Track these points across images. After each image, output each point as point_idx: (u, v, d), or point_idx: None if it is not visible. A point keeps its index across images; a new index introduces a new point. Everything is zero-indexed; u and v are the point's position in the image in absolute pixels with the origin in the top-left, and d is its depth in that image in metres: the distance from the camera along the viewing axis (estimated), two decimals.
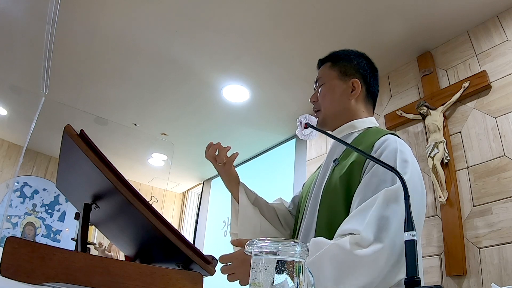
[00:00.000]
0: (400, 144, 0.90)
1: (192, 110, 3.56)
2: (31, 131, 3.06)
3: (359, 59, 1.12)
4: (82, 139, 0.59)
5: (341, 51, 1.15)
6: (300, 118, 1.03)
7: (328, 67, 1.12)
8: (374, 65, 1.16)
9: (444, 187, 2.07)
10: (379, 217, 0.76)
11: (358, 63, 1.11)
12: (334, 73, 1.10)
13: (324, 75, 1.12)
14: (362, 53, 1.16)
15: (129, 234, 0.78)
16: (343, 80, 1.08)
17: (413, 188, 0.80)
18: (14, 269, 0.47)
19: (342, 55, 1.13)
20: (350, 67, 1.10)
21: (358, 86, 1.07)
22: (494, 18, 2.23)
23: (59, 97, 3.35)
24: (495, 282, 1.56)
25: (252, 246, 0.48)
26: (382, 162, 0.69)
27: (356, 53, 1.15)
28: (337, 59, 1.12)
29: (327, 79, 1.10)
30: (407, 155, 0.87)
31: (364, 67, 1.11)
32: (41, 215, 4.45)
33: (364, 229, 0.75)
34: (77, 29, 2.61)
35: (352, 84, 1.07)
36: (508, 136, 1.94)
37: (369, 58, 1.16)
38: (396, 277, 0.74)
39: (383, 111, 2.69)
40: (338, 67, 1.10)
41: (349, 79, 1.08)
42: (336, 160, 0.99)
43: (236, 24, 2.50)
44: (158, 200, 5.24)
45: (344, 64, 1.10)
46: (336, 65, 1.11)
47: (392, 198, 0.77)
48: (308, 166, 3.17)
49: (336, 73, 1.09)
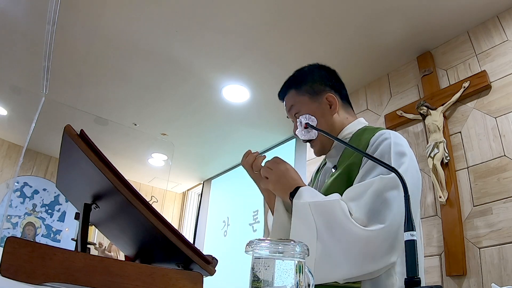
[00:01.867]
0: (395, 137, 0.90)
1: (192, 110, 3.56)
2: (31, 131, 3.06)
3: (319, 71, 1.09)
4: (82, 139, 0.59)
5: (296, 73, 1.11)
6: (300, 118, 1.03)
7: (294, 94, 1.07)
8: (331, 69, 1.12)
9: (444, 187, 2.07)
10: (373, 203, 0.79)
11: (321, 76, 1.07)
12: (305, 97, 1.05)
13: (295, 103, 1.06)
14: (315, 64, 1.12)
15: (129, 234, 0.78)
16: (316, 100, 1.04)
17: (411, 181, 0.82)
18: (14, 269, 0.47)
19: (301, 77, 1.08)
20: (317, 85, 1.05)
21: (334, 100, 1.04)
22: (494, 18, 2.23)
23: (59, 97, 3.35)
24: (495, 282, 1.56)
25: (252, 246, 0.48)
26: (381, 162, 0.69)
27: (312, 67, 1.11)
28: (299, 82, 1.07)
29: (301, 106, 1.05)
30: (403, 147, 0.88)
31: (327, 77, 1.08)
32: (41, 215, 4.45)
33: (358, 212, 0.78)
34: (77, 29, 2.61)
35: (327, 99, 1.04)
36: (508, 136, 1.94)
37: (324, 65, 1.12)
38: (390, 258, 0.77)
39: (383, 111, 2.69)
40: (304, 90, 1.06)
41: (321, 97, 1.04)
42: (335, 167, 1.00)
43: (236, 24, 2.50)
44: (158, 200, 5.24)
45: (309, 85, 1.06)
46: (301, 89, 1.06)
47: (387, 185, 0.79)
48: (308, 166, 3.17)
49: (307, 97, 1.05)
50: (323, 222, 0.78)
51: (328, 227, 0.78)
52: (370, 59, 2.69)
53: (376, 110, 2.76)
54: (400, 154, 0.86)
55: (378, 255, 0.75)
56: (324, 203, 0.81)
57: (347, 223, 0.76)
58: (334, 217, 0.78)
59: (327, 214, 0.79)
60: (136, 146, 4.44)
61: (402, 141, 0.90)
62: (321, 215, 0.79)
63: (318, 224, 0.78)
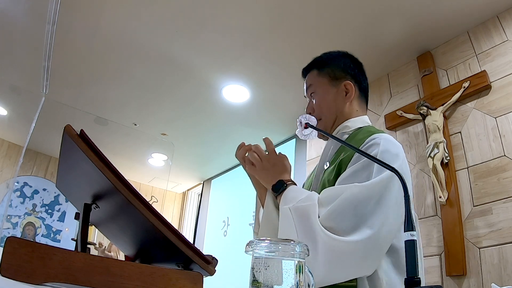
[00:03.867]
0: (385, 143, 0.89)
1: (192, 110, 3.56)
2: (31, 131, 3.06)
3: (344, 59, 1.10)
4: (82, 139, 0.59)
5: (323, 55, 1.13)
6: (300, 118, 1.03)
7: (315, 75, 1.10)
8: (358, 60, 1.13)
9: (444, 187, 2.07)
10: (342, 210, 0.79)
11: (345, 64, 1.09)
12: (324, 79, 1.07)
13: (314, 83, 1.09)
14: (344, 51, 1.14)
15: (129, 234, 0.78)
16: (335, 85, 1.06)
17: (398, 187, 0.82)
18: (14, 269, 0.47)
19: (327, 60, 1.10)
20: (339, 70, 1.07)
21: (351, 88, 1.06)
22: (494, 18, 2.23)
23: (59, 97, 3.35)
24: (495, 282, 1.56)
25: (252, 246, 0.48)
26: (379, 161, 0.68)
27: (339, 53, 1.13)
28: (323, 64, 1.09)
29: (319, 87, 1.08)
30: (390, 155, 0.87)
31: (351, 66, 1.09)
32: (41, 215, 4.45)
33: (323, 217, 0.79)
34: (77, 29, 2.61)
35: (345, 87, 1.06)
36: (508, 136, 1.94)
37: (352, 55, 1.13)
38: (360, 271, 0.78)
39: (383, 111, 2.69)
40: (326, 72, 1.08)
41: (340, 83, 1.06)
42: (327, 163, 1.00)
43: (236, 24, 2.50)
44: (158, 200, 5.24)
45: (332, 69, 1.08)
46: (323, 71, 1.08)
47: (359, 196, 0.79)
48: (308, 166, 3.17)
49: (326, 79, 1.07)
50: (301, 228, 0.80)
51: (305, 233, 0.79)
52: (370, 59, 2.69)
53: (376, 110, 2.76)
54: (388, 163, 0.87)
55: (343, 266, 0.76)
56: (302, 208, 0.83)
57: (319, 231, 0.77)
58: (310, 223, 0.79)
59: (305, 219, 0.81)
60: (136, 146, 4.44)
61: (391, 148, 0.89)
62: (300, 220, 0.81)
63: (298, 229, 0.80)
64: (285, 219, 0.84)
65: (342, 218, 0.79)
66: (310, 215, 0.80)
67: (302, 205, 0.83)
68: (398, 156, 0.88)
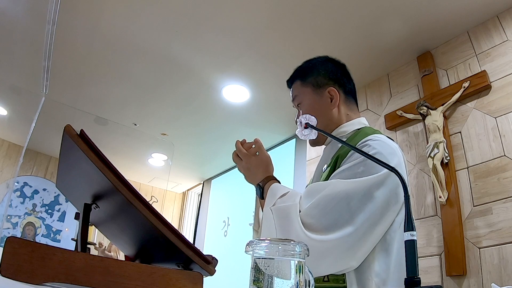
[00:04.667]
0: (379, 147, 0.88)
1: (192, 110, 3.56)
2: (31, 131, 3.06)
3: (325, 65, 1.10)
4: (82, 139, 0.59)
5: (304, 64, 1.13)
6: (300, 118, 1.03)
7: (299, 85, 1.10)
8: (340, 63, 1.13)
9: (444, 187, 2.07)
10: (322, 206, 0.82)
11: (326, 70, 1.08)
12: (308, 89, 1.08)
13: (298, 94, 1.10)
14: (325, 56, 1.13)
15: (129, 234, 0.78)
16: (319, 93, 1.06)
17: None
18: (14, 269, 0.47)
19: (308, 68, 1.10)
20: (321, 77, 1.07)
21: (335, 94, 1.05)
22: (494, 18, 2.23)
23: (59, 97, 3.35)
24: (495, 282, 1.56)
25: (252, 246, 0.48)
26: (379, 160, 0.68)
27: (320, 59, 1.12)
28: (305, 74, 1.10)
29: (304, 97, 1.08)
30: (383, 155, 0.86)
31: (333, 71, 1.09)
32: (41, 215, 4.45)
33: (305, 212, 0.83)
34: (77, 29, 2.61)
35: (329, 93, 1.05)
36: (508, 136, 1.94)
37: (333, 58, 1.13)
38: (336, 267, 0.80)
39: (383, 111, 2.69)
40: (309, 82, 1.08)
41: (324, 90, 1.06)
42: (327, 167, 1.01)
43: (236, 24, 2.50)
44: (158, 200, 5.24)
45: (314, 77, 1.08)
46: (305, 80, 1.09)
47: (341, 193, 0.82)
48: (308, 166, 3.17)
49: (310, 88, 1.07)
50: (280, 228, 0.83)
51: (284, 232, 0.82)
52: (370, 59, 2.69)
53: (376, 110, 2.76)
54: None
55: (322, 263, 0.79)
56: (282, 208, 0.86)
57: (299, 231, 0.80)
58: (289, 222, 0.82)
59: (284, 219, 0.84)
60: (136, 146, 4.44)
61: (385, 149, 0.88)
62: (279, 220, 0.85)
63: (278, 229, 0.84)
64: (267, 219, 0.88)
65: (323, 214, 0.81)
66: (291, 215, 0.83)
67: (283, 206, 0.87)
68: (393, 157, 0.87)
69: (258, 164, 1.01)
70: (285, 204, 0.86)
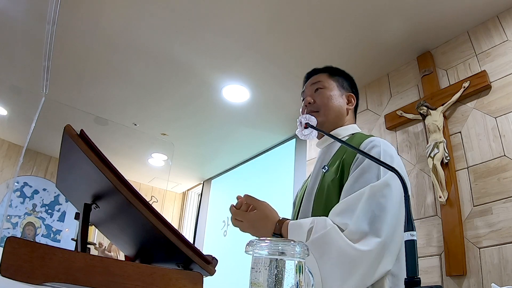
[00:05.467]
0: (384, 145, 0.97)
1: (192, 110, 3.56)
2: (31, 131, 3.06)
3: (350, 78, 1.24)
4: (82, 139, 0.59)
5: (335, 67, 1.25)
6: (300, 118, 1.03)
7: (327, 76, 1.19)
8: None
9: (444, 187, 2.07)
10: (368, 211, 0.82)
11: (351, 81, 1.23)
12: (334, 83, 1.18)
13: (323, 81, 1.18)
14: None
15: (129, 234, 0.78)
16: (341, 92, 1.18)
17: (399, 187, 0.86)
18: (14, 269, 0.47)
19: (338, 71, 1.22)
20: (346, 83, 1.21)
21: (354, 100, 1.19)
22: (494, 18, 2.23)
23: (59, 97, 3.35)
24: (495, 282, 1.56)
25: (252, 246, 0.48)
26: (379, 160, 0.69)
27: (346, 73, 1.25)
28: (334, 72, 1.21)
29: (327, 85, 1.17)
30: (391, 157, 0.94)
31: (354, 85, 1.23)
32: (41, 215, 4.45)
33: (355, 224, 0.81)
34: (77, 29, 2.61)
35: (348, 97, 1.18)
36: (508, 136, 1.94)
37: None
38: (386, 267, 0.81)
39: (383, 111, 2.69)
40: (336, 79, 1.19)
41: (345, 93, 1.19)
42: (326, 167, 1.03)
43: (236, 24, 2.50)
44: (158, 200, 5.24)
45: (341, 79, 1.20)
46: (333, 77, 1.19)
47: (378, 193, 0.84)
48: (308, 166, 3.17)
49: (336, 83, 1.18)
50: (319, 254, 0.80)
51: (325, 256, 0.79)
52: (370, 59, 2.69)
53: (376, 110, 2.76)
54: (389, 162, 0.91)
55: (375, 269, 0.79)
56: (318, 238, 0.82)
57: (345, 246, 0.79)
58: (331, 245, 0.80)
59: (325, 245, 0.81)
60: (136, 146, 4.44)
61: (390, 150, 0.97)
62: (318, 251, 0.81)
63: (319, 261, 0.80)
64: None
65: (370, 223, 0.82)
66: (332, 239, 0.80)
67: (318, 236, 0.83)
68: (393, 158, 0.95)
69: (259, 217, 0.97)
70: (319, 234, 0.83)
